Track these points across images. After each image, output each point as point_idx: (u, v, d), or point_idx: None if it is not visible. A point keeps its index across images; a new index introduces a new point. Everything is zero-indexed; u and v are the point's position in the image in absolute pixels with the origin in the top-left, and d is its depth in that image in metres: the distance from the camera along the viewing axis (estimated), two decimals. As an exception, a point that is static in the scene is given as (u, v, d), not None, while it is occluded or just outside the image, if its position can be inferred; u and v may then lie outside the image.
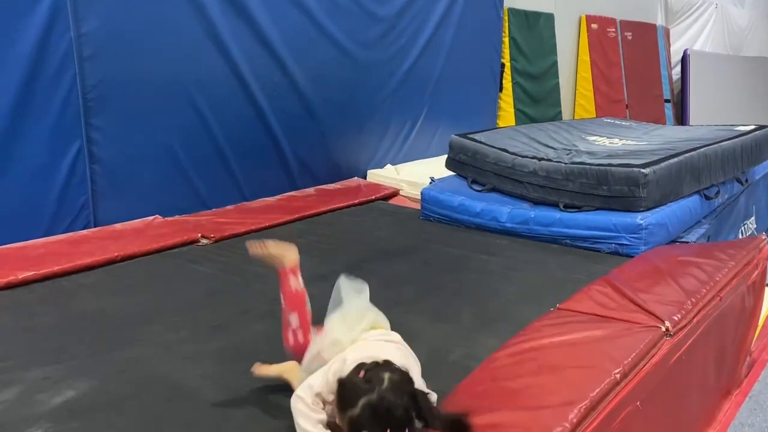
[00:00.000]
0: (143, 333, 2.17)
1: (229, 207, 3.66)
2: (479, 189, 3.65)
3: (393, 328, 2.21)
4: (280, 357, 2.00)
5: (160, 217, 3.35)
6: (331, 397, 1.45)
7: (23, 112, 2.96)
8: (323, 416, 1.49)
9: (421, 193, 3.72)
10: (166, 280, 2.65)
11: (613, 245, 3.03)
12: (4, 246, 2.79)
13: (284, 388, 1.82)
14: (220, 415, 1.71)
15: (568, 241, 3.14)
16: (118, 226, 3.18)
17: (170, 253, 2.95)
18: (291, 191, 4.09)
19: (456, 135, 3.98)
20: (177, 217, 3.39)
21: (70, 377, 1.85)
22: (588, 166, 3.22)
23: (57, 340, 2.10)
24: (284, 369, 1.77)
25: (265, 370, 1.79)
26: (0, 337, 2.10)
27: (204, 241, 3.10)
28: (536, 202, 3.37)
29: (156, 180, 3.53)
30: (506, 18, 6.14)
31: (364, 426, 1.32)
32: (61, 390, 1.79)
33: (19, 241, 2.87)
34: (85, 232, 3.11)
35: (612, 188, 3.12)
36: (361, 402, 1.33)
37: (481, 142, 3.77)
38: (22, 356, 1.97)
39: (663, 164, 3.19)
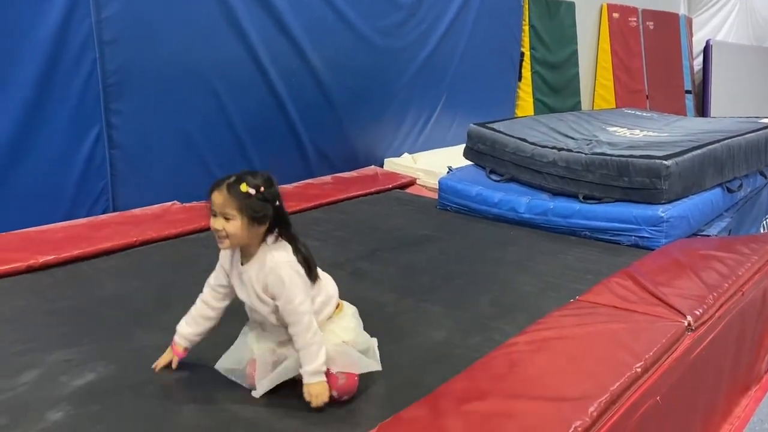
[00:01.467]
0: (162, 318, 2.17)
1: (246, 193, 3.66)
2: (497, 179, 3.62)
3: (408, 316, 2.22)
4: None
5: (178, 202, 3.36)
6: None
7: (44, 97, 2.98)
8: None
9: (439, 183, 3.69)
10: (184, 266, 2.66)
11: (634, 238, 2.99)
12: (24, 230, 2.82)
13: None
14: (240, 398, 1.71)
15: (587, 232, 3.11)
16: (136, 211, 3.20)
17: (188, 238, 2.96)
18: (308, 179, 4.09)
19: (474, 124, 3.94)
20: (195, 203, 3.39)
21: (91, 360, 1.87)
22: (608, 157, 3.18)
23: (77, 323, 2.11)
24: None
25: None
26: (22, 320, 2.12)
27: (221, 227, 3.10)
28: (555, 193, 3.33)
29: (174, 165, 3.55)
30: (527, 6, 6.07)
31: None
32: (82, 373, 1.80)
33: (40, 224, 2.89)
34: (104, 216, 3.12)
35: (633, 180, 3.08)
36: None
37: (500, 132, 3.73)
38: (43, 339, 1.99)
39: (685, 156, 3.15)
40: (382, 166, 4.69)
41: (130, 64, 3.25)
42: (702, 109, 9.46)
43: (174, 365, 1.78)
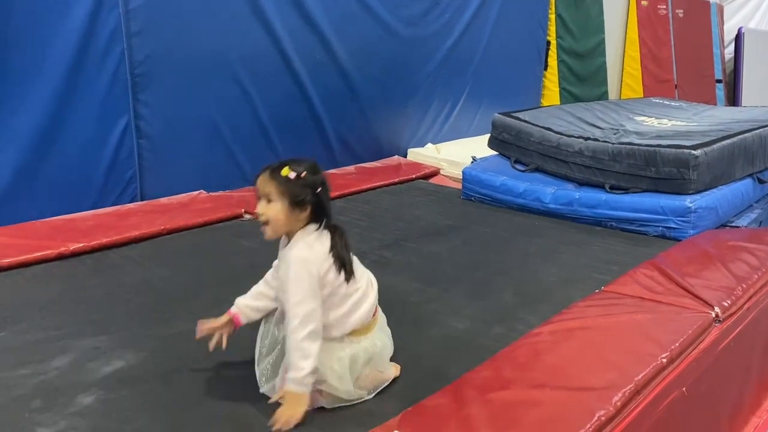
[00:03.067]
0: (190, 306, 2.21)
1: (271, 183, 3.68)
2: (522, 169, 3.59)
3: (431, 305, 2.22)
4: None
5: (204, 192, 3.40)
6: None
7: (73, 88, 3.03)
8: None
9: (463, 173, 3.68)
10: (211, 254, 2.69)
11: (661, 228, 2.95)
12: (54, 218, 2.88)
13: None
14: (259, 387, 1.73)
15: (613, 223, 3.08)
16: (163, 200, 3.24)
17: (214, 227, 3.00)
18: (331, 168, 4.10)
19: (499, 113, 3.92)
20: (221, 193, 3.44)
21: (120, 347, 1.91)
22: (636, 147, 3.13)
23: (106, 311, 2.16)
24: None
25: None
26: (54, 307, 2.17)
27: (247, 216, 3.14)
28: (581, 183, 3.30)
29: (201, 155, 3.59)
30: (553, -6, 6.00)
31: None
32: (111, 360, 1.84)
33: (69, 213, 2.95)
34: (131, 205, 3.18)
35: (660, 170, 3.04)
36: None
37: (525, 121, 3.70)
38: (74, 326, 2.03)
39: (715, 146, 3.09)
40: (405, 156, 4.69)
41: (157, 54, 3.29)
42: (733, 99, 9.27)
43: (224, 343, 1.71)
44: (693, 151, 2.98)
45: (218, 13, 3.53)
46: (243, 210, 3.16)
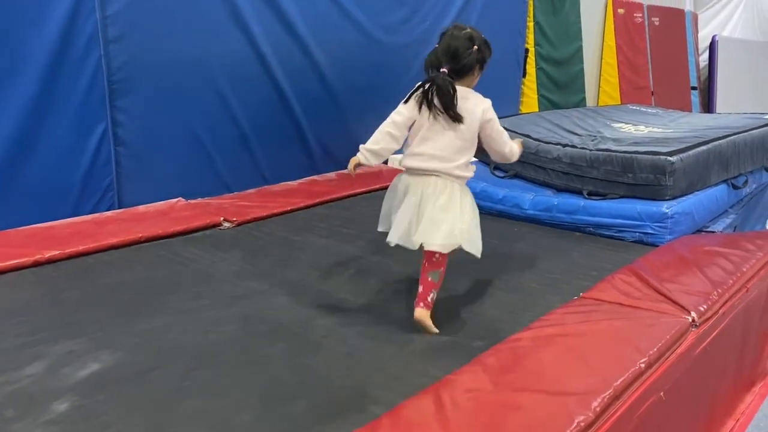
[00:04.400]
0: (165, 303, 2.21)
1: (250, 190, 3.67)
2: (501, 175, 3.62)
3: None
4: (304, 323, 2.06)
5: (183, 199, 3.37)
6: None
7: (49, 95, 2.99)
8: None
9: (442, 180, 3.68)
10: (188, 259, 2.68)
11: (638, 234, 2.98)
12: (31, 226, 2.84)
13: (306, 349, 1.92)
14: (243, 380, 1.74)
15: (591, 229, 3.11)
16: (141, 208, 3.21)
17: (193, 236, 2.97)
18: (312, 175, 4.10)
19: None
20: (199, 200, 3.41)
21: (96, 350, 1.89)
22: (613, 153, 3.17)
23: (83, 313, 2.13)
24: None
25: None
26: (27, 313, 2.13)
27: (226, 224, 3.12)
28: (559, 189, 3.33)
29: (179, 163, 3.56)
30: (531, 2, 6.06)
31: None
32: (87, 363, 1.82)
33: (45, 221, 2.91)
34: (109, 213, 3.14)
35: (638, 176, 3.08)
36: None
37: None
38: (49, 330, 2.00)
39: (690, 152, 3.14)
40: (386, 163, 4.69)
41: (136, 61, 3.26)
42: (708, 106, 9.43)
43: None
44: (669, 158, 3.02)
45: (197, 19, 3.51)
46: (222, 218, 3.14)
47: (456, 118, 2.12)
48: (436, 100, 2.12)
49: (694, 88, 8.95)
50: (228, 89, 3.70)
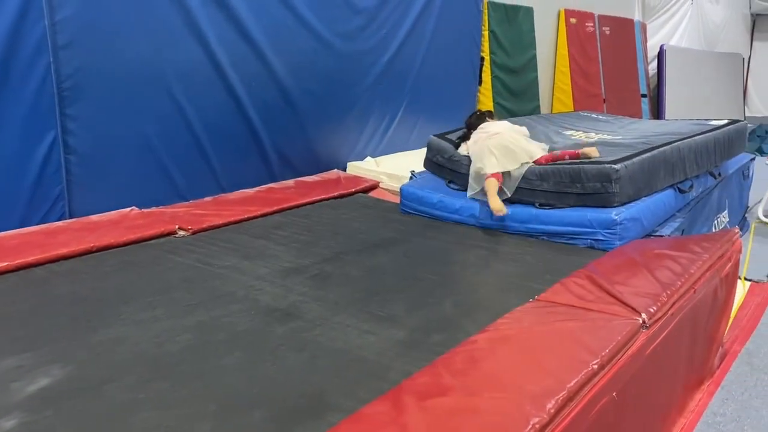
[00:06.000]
0: (119, 313, 2.17)
1: (206, 199, 3.63)
2: (457, 188, 3.65)
3: (372, 316, 2.24)
4: (261, 331, 2.03)
5: (136, 208, 3.31)
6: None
7: (-5, 101, 2.91)
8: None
9: (401, 190, 3.71)
10: (142, 268, 2.63)
11: (589, 240, 3.05)
12: (-24, 237, 2.75)
13: (263, 358, 1.89)
14: (199, 391, 1.72)
15: (544, 237, 3.17)
16: (93, 217, 3.14)
17: (147, 244, 2.92)
18: (270, 183, 4.07)
19: (434, 136, 3.97)
20: (154, 209, 3.35)
21: (46, 364, 1.84)
22: (561, 166, 3.24)
23: (32, 326, 2.07)
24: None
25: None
26: (-27, 330, 2.06)
27: (181, 232, 3.07)
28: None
29: (133, 171, 3.49)
30: (486, 11, 6.15)
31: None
32: (36, 378, 1.77)
33: (-8, 232, 2.82)
34: (60, 223, 3.06)
35: (585, 185, 3.15)
36: None
37: (458, 144, 3.78)
38: (-6, 348, 1.94)
39: (635, 159, 3.23)
40: (345, 169, 4.70)
41: (86, 68, 3.20)
42: (657, 112, 9.72)
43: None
44: (614, 166, 3.10)
45: (151, 26, 3.46)
46: (177, 226, 3.09)
47: None
48: None
49: (643, 96, 9.21)
50: (182, 96, 3.66)
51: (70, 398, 1.68)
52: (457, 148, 3.73)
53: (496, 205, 3.12)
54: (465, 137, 3.71)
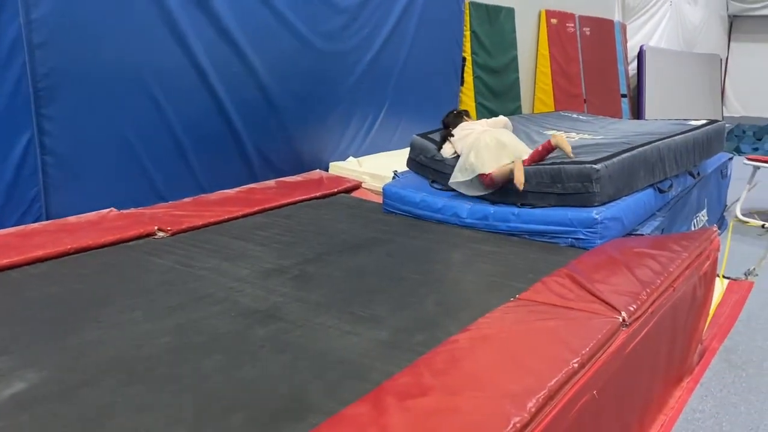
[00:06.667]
0: (97, 316, 2.14)
1: (186, 199, 3.59)
2: (439, 187, 3.66)
3: (354, 316, 2.23)
4: (241, 332, 2.01)
5: (115, 210, 3.27)
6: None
7: (-31, 101, 2.86)
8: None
9: (383, 190, 3.71)
10: (121, 270, 2.60)
11: (570, 239, 3.07)
12: (-51, 240, 2.69)
13: (243, 360, 1.88)
14: (177, 394, 1.70)
15: (526, 236, 3.18)
16: (71, 219, 3.10)
17: (126, 246, 2.89)
18: (251, 183, 4.04)
19: (417, 135, 3.97)
20: (133, 210, 3.32)
21: (21, 368, 1.80)
22: (542, 166, 3.26)
23: (6, 330, 2.04)
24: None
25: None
26: (-55, 334, 2.02)
27: (161, 234, 3.04)
28: (495, 203, 3.39)
29: (111, 172, 3.45)
30: (467, 12, 6.17)
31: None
32: (11, 382, 1.73)
33: (-34, 234, 2.77)
34: (36, 225, 3.01)
35: (566, 185, 3.17)
36: None
37: (440, 146, 3.78)
38: (-32, 353, 1.90)
39: (615, 159, 3.25)
40: (327, 169, 4.68)
41: (63, 67, 3.15)
42: (637, 112, 9.82)
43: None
44: (594, 166, 3.12)
45: (129, 25, 3.42)
46: (156, 227, 3.06)
47: None
48: None
49: (624, 96, 9.30)
50: (162, 96, 3.62)
51: (46, 403, 1.65)
52: (439, 150, 3.74)
53: (521, 177, 3.20)
54: (445, 138, 3.73)
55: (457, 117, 3.84)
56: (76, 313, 2.17)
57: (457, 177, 3.44)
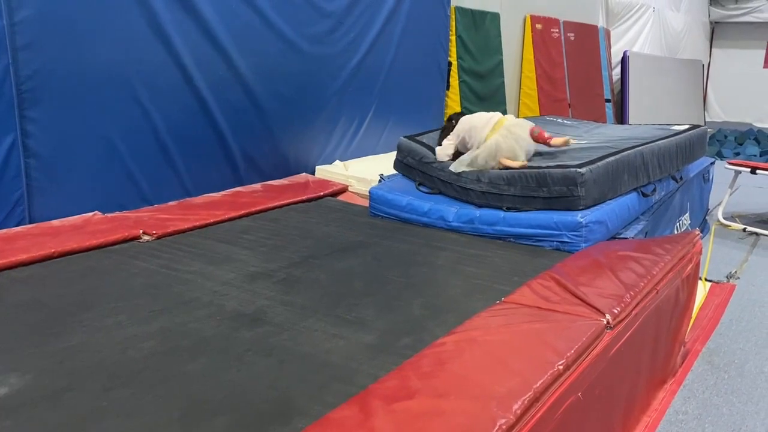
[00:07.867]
0: (81, 320, 2.12)
1: (171, 203, 3.58)
2: (426, 191, 3.67)
3: (341, 319, 2.23)
4: (226, 336, 2.00)
5: (99, 213, 3.25)
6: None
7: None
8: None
9: (370, 193, 3.71)
10: (106, 274, 2.58)
11: (555, 243, 3.09)
12: (-70, 243, 2.66)
13: (229, 364, 1.88)
14: (163, 398, 1.69)
15: (512, 239, 3.20)
16: (55, 222, 3.07)
17: (110, 249, 2.87)
18: (237, 186, 4.03)
19: (405, 137, 3.98)
20: (117, 213, 3.29)
21: (3, 373, 1.78)
22: (527, 171, 3.29)
23: (-12, 337, 2.01)
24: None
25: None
26: (-74, 339, 1.99)
27: (146, 237, 3.02)
28: (481, 207, 3.41)
29: (96, 175, 3.43)
30: (453, 16, 6.20)
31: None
32: (-7, 389, 1.71)
33: (-53, 238, 2.74)
34: (19, 228, 2.98)
35: (552, 189, 3.19)
36: None
37: (429, 146, 3.80)
38: (-51, 358, 1.88)
39: (600, 163, 3.28)
40: (313, 173, 4.68)
41: (47, 69, 3.13)
42: (621, 117, 9.91)
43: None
44: (579, 170, 3.15)
45: (114, 27, 3.40)
46: (141, 231, 3.04)
47: None
48: None
49: (608, 101, 9.38)
50: (147, 99, 3.60)
51: (30, 408, 1.63)
52: (440, 141, 3.73)
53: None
54: (448, 129, 3.76)
55: (460, 116, 3.89)
56: (59, 317, 2.15)
57: (460, 164, 3.50)
